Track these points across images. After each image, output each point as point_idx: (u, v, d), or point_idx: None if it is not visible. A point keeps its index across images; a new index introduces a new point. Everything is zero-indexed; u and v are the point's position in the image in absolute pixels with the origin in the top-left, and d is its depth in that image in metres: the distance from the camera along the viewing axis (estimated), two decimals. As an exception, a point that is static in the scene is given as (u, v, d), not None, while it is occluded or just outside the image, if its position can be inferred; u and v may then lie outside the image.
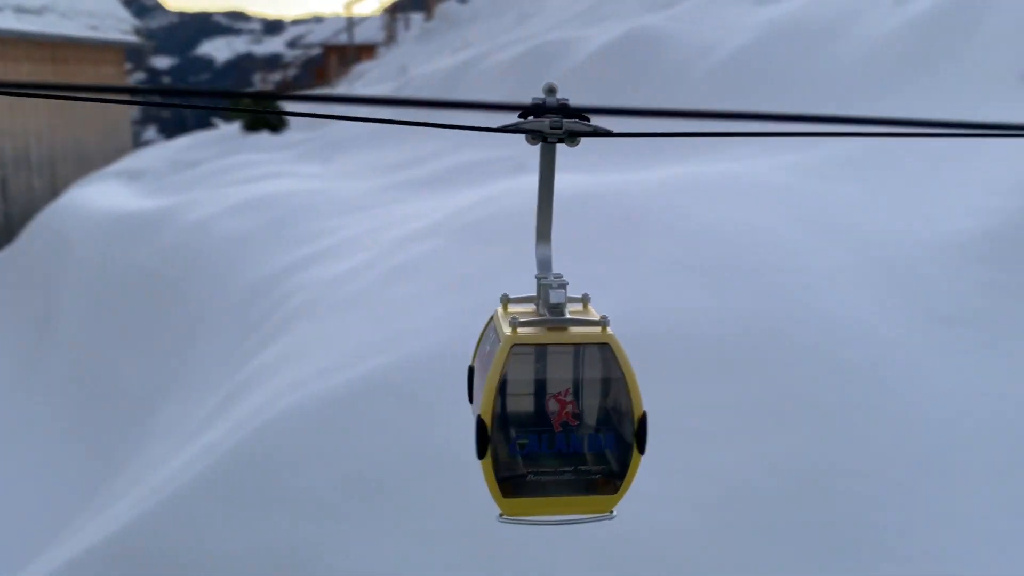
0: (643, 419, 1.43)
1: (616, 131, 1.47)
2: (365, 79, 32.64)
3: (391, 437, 5.42)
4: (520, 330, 1.41)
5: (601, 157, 10.92)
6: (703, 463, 5.29)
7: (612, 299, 6.74)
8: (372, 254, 9.14)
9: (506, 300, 1.61)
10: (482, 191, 9.82)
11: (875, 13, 12.61)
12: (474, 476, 1.51)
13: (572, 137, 1.45)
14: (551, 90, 1.41)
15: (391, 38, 41.15)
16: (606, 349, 1.44)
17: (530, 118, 1.39)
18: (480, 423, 1.37)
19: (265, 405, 6.35)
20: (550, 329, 1.44)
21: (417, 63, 28.59)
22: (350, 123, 21.84)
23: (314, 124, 25.14)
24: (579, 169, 8.81)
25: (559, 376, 1.45)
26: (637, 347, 5.64)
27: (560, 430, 1.44)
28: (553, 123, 1.39)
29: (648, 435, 1.44)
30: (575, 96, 1.46)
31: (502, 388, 1.38)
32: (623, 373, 1.44)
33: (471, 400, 1.57)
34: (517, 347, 1.39)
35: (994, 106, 9.64)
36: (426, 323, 6.64)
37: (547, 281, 1.52)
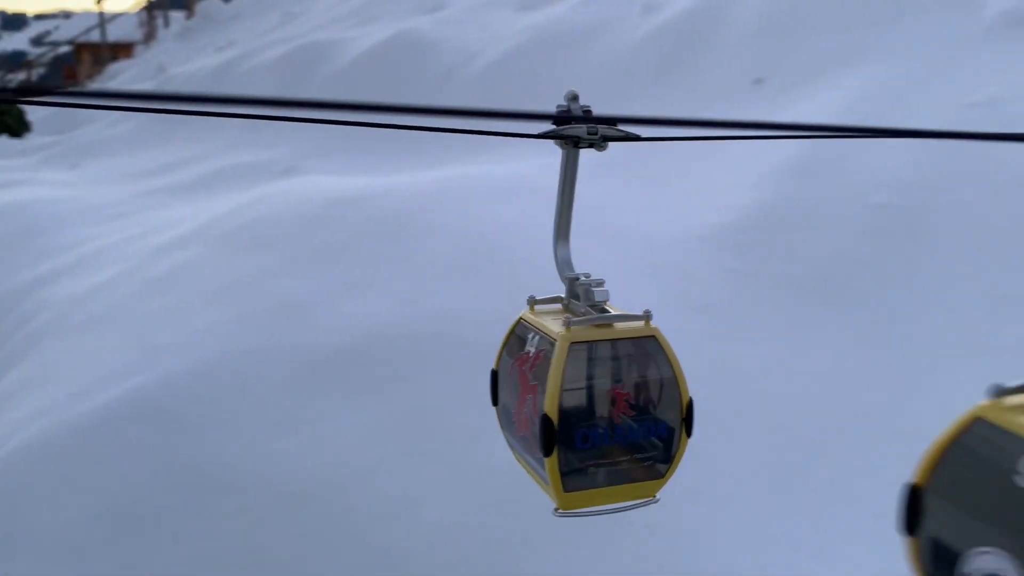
0: (690, 405, 1.50)
1: (643, 136, 1.52)
2: (120, 79, 30.50)
3: (150, 463, 5.04)
4: (574, 328, 1.45)
5: (367, 159, 10.84)
6: (477, 459, 5.33)
7: (381, 302, 6.69)
8: (127, 265, 8.51)
9: (533, 302, 1.66)
10: (249, 194, 9.42)
11: (626, 21, 13.39)
12: (248, 495, 1.39)
13: (604, 142, 1.50)
14: (575, 97, 1.46)
15: (150, 36, 38.81)
16: (652, 342, 1.50)
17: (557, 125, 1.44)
18: (547, 421, 1.37)
19: (5, 437, 5.72)
20: (599, 326, 1.48)
21: (177, 62, 27.06)
22: (102, 126, 20.22)
23: (61, 127, 23.09)
24: (342, 172, 8.67)
25: (613, 370, 1.47)
26: (408, 350, 5.55)
27: (619, 421, 1.47)
28: (590, 129, 1.46)
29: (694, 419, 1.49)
30: (346, 96, 1.39)
31: (564, 386, 1.38)
32: (670, 363, 1.49)
33: (494, 403, 1.61)
34: (574, 345, 1.41)
35: (732, 108, 10.48)
36: (187, 337, 6.26)
37: (586, 280, 1.59)
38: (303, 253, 7.52)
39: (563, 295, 1.69)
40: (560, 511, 1.47)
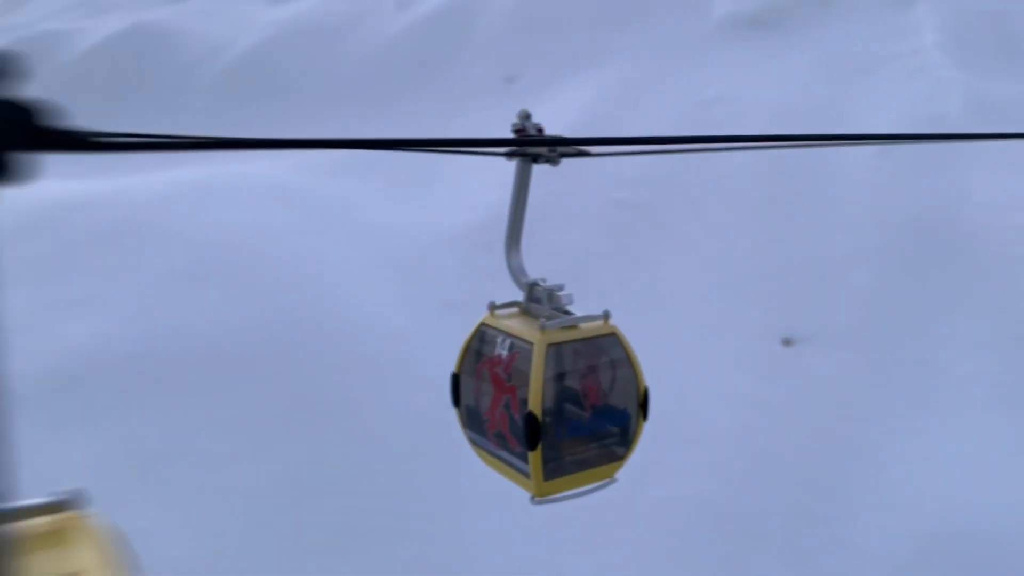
0: (646, 392, 1.63)
1: (593, 152, 1.63)
2: None
3: None
4: (549, 331, 1.53)
5: (94, 158, 9.87)
6: (215, 483, 4.91)
7: (104, 319, 6.03)
8: None
9: (493, 307, 1.73)
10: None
11: (380, 17, 13.14)
12: None
13: (560, 157, 1.64)
14: (527, 116, 1.63)
15: None
16: (612, 338, 1.61)
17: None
18: (532, 418, 1.46)
19: None
20: (568, 327, 1.57)
21: None
22: None
23: None
24: (65, 173, 7.78)
25: (583, 366, 1.57)
26: (135, 372, 4.94)
27: (590, 412, 1.58)
28: (559, 148, 1.59)
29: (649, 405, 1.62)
30: (78, 92, 1.05)
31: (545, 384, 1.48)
32: (627, 356, 1.61)
33: (456, 404, 1.71)
34: (551, 346, 1.50)
35: (487, 104, 10.53)
36: None
37: (546, 285, 1.67)
38: (13, 266, 6.65)
39: (519, 300, 1.74)
40: (537, 499, 1.56)
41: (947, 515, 5.27)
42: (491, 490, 5.45)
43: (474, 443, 1.76)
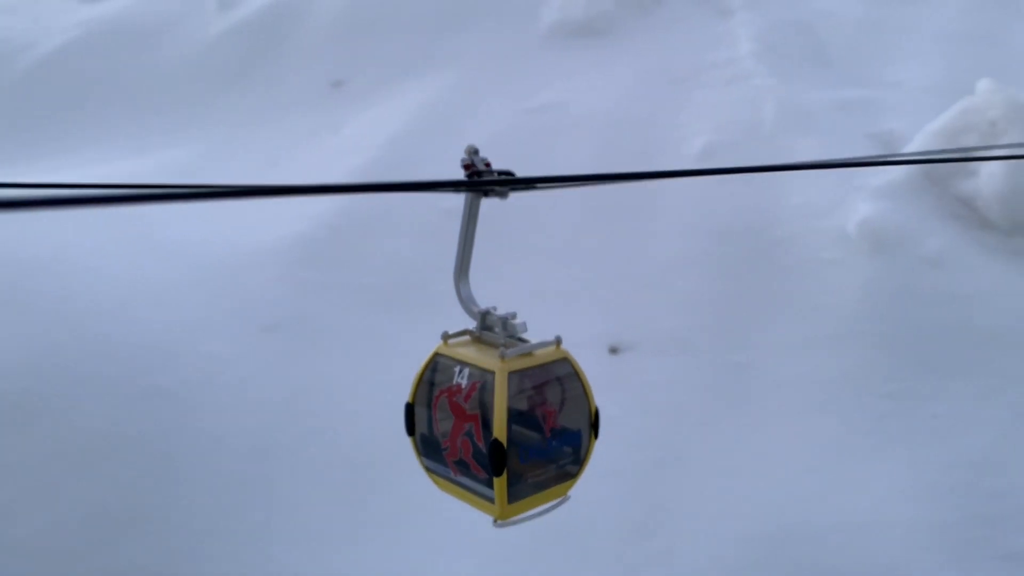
0: (597, 412, 1.70)
1: (538, 184, 1.76)
2: None
3: None
4: (509, 360, 1.57)
5: None
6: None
7: None
8: None
9: (447, 336, 1.76)
10: None
11: (199, 18, 12.44)
12: None
13: (509, 191, 1.74)
14: (476, 151, 1.75)
15: None
16: (564, 362, 1.66)
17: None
18: (498, 445, 1.51)
19: None
20: (525, 355, 1.61)
21: None
22: None
23: None
24: None
25: (541, 392, 1.63)
26: None
27: (550, 435, 1.65)
28: (504, 179, 1.68)
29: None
30: None
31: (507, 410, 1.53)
32: (579, 378, 1.67)
33: (411, 433, 1.75)
34: (511, 373, 1.55)
35: (313, 109, 10.12)
36: None
37: (499, 314, 1.72)
38: None
39: (471, 328, 1.78)
40: (500, 523, 1.63)
41: (770, 517, 5.36)
42: (311, 525, 5.11)
43: (430, 471, 1.79)
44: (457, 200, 6.52)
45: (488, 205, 1.80)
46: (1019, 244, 6.64)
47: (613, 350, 6.60)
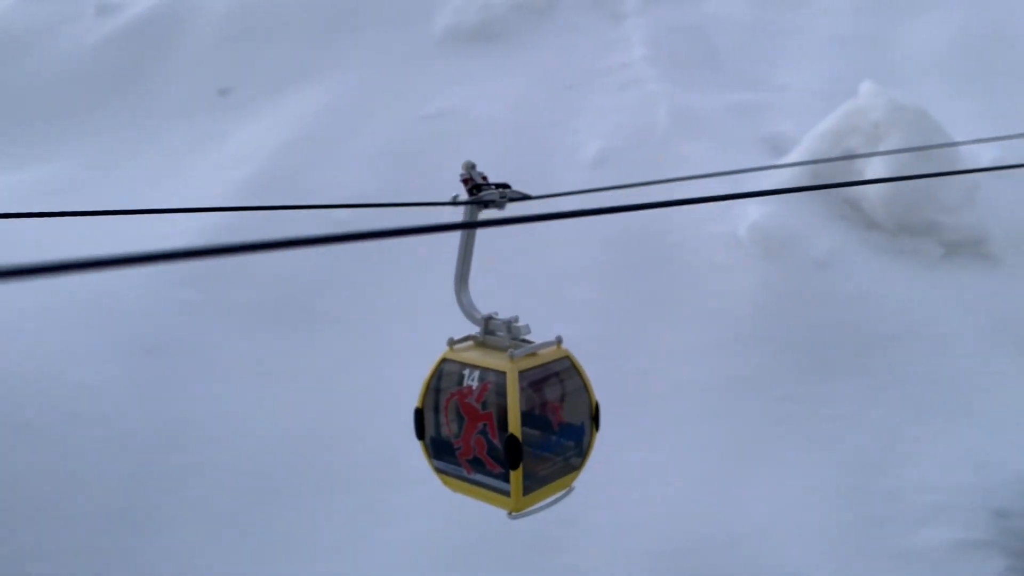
0: (597, 406, 1.86)
1: (534, 195, 1.91)
2: None
3: None
4: (517, 360, 1.68)
5: None
6: None
7: None
8: None
9: (452, 342, 1.85)
10: None
11: (78, 24, 11.82)
12: None
13: (507, 202, 1.87)
14: (473, 166, 1.87)
15: None
16: (565, 360, 1.81)
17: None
18: (514, 440, 1.62)
19: None
20: (531, 355, 1.72)
21: None
22: None
23: None
24: None
25: (547, 388, 1.74)
26: None
27: (557, 429, 1.77)
28: (502, 194, 1.85)
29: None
30: None
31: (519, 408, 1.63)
32: (580, 375, 1.83)
33: (420, 437, 1.82)
34: (522, 373, 1.65)
35: (199, 119, 9.70)
36: None
37: (502, 319, 1.83)
38: None
39: (475, 333, 1.85)
40: (514, 514, 1.72)
41: (676, 528, 5.31)
42: (194, 561, 4.81)
43: (440, 472, 1.86)
44: (350, 211, 6.26)
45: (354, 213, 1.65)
46: (904, 243, 6.78)
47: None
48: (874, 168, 6.80)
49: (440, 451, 1.86)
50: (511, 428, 1.65)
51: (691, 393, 5.95)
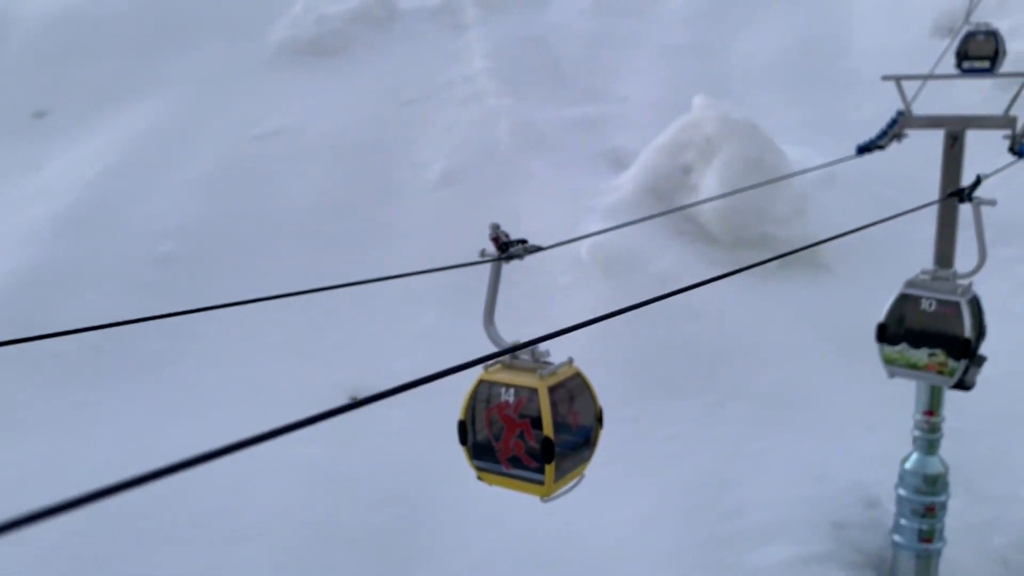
0: (601, 410, 2.27)
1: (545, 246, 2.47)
2: None
3: None
4: (546, 379, 2.10)
5: None
6: None
7: None
8: None
9: (487, 367, 2.19)
10: None
11: None
12: None
13: (527, 254, 2.38)
14: (497, 226, 2.30)
15: None
16: (577, 376, 2.22)
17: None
18: (548, 442, 2.05)
19: None
20: (554, 374, 2.13)
21: None
22: None
23: None
24: None
25: (565, 399, 2.16)
26: None
27: (575, 430, 2.20)
28: (525, 248, 2.35)
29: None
30: None
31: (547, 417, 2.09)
32: (588, 387, 2.25)
33: (464, 443, 2.25)
34: (550, 388, 2.09)
35: (11, 144, 8.94)
36: None
37: (511, 340, 2.21)
38: None
39: (503, 359, 2.21)
40: (546, 499, 2.15)
41: (524, 561, 5.18)
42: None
43: (481, 470, 2.25)
44: (174, 243, 5.78)
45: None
46: (741, 257, 6.88)
47: (354, 399, 6.19)
48: (708, 184, 6.88)
49: (480, 453, 2.26)
50: (545, 432, 2.07)
51: (535, 423, 5.84)
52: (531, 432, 2.12)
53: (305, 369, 6.27)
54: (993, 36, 7.22)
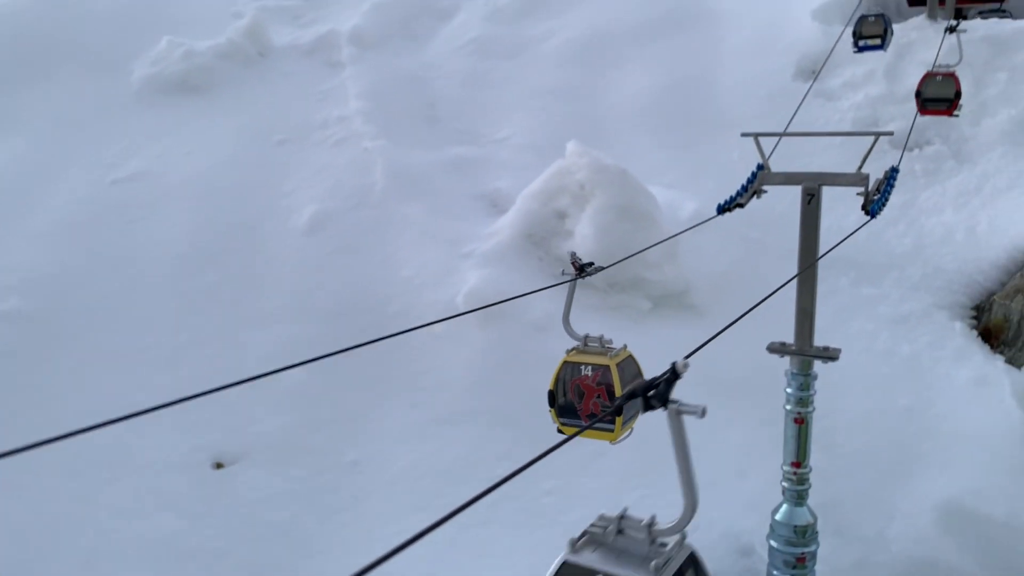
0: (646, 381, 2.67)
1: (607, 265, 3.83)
2: None
3: None
4: (613, 358, 3.00)
5: None
6: None
7: None
8: None
9: (568, 351, 3.14)
10: None
11: None
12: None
13: (596, 272, 3.79)
14: (574, 253, 3.79)
15: None
16: (630, 357, 3.11)
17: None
18: (619, 403, 2.52)
19: None
20: (616, 355, 3.05)
21: None
22: None
23: None
24: None
25: (625, 372, 3.02)
26: None
27: (630, 395, 2.60)
28: (595, 268, 3.72)
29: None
30: None
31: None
32: (636, 364, 3.13)
33: (552, 405, 3.12)
34: (617, 364, 3.00)
35: None
36: None
37: (594, 335, 3.15)
38: None
39: (577, 344, 3.16)
40: (615, 441, 2.89)
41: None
42: None
43: (565, 424, 3.12)
44: (17, 299, 5.32)
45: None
46: (615, 300, 6.89)
47: (218, 465, 5.85)
48: (582, 229, 6.88)
49: (564, 412, 3.10)
50: (618, 395, 2.87)
51: (408, 483, 5.65)
52: (606, 396, 2.99)
53: (169, 433, 5.90)
54: (882, 17, 8.02)
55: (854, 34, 7.95)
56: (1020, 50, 8.23)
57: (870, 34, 7.83)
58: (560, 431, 3.10)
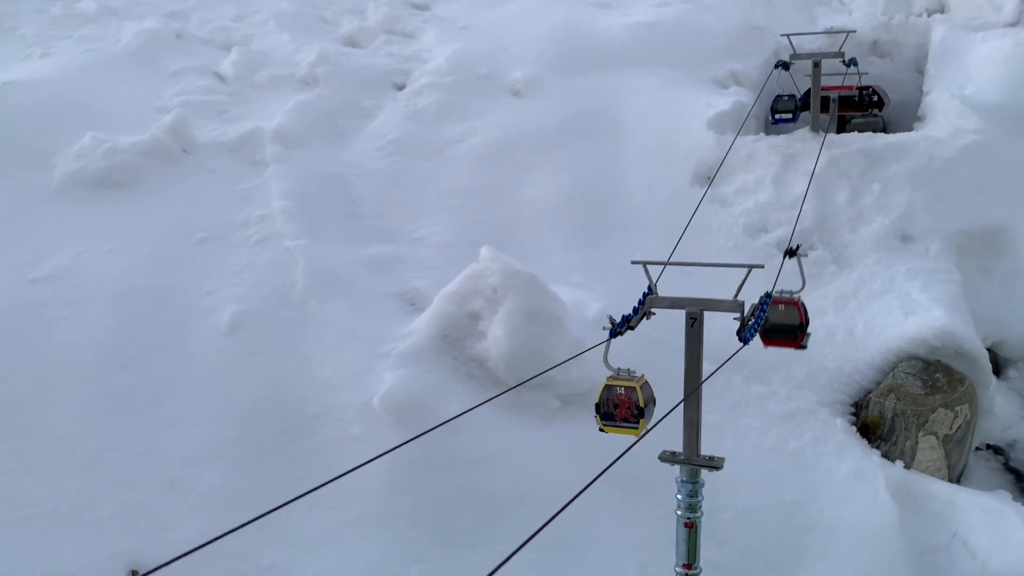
0: (654, 400, 4.21)
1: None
2: None
3: None
4: (638, 382, 4.06)
5: None
6: None
7: None
8: None
9: (609, 378, 4.10)
10: None
11: None
12: None
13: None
14: (611, 316, 4.51)
15: None
16: (647, 383, 4.11)
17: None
18: (642, 411, 3.97)
19: None
20: (638, 380, 4.12)
21: None
22: None
23: None
24: None
25: (648, 391, 4.11)
26: None
27: (645, 406, 4.05)
28: (630, 325, 4.66)
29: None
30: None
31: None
32: (649, 387, 4.17)
33: (598, 412, 4.12)
34: (640, 387, 4.05)
35: None
36: None
37: (624, 368, 4.17)
38: None
39: (611, 373, 4.09)
40: (637, 436, 3.89)
41: None
42: None
43: (605, 424, 4.08)
44: None
45: None
46: (526, 399, 7.25)
47: (133, 573, 5.92)
48: (495, 331, 7.26)
49: (605, 418, 4.03)
50: (640, 405, 3.89)
51: (325, 586, 5.83)
52: (634, 407, 3.96)
53: (80, 541, 5.97)
54: (793, 97, 9.70)
55: (771, 109, 9.43)
56: (892, 163, 9.06)
57: (783, 109, 9.38)
58: (601, 430, 4.15)
